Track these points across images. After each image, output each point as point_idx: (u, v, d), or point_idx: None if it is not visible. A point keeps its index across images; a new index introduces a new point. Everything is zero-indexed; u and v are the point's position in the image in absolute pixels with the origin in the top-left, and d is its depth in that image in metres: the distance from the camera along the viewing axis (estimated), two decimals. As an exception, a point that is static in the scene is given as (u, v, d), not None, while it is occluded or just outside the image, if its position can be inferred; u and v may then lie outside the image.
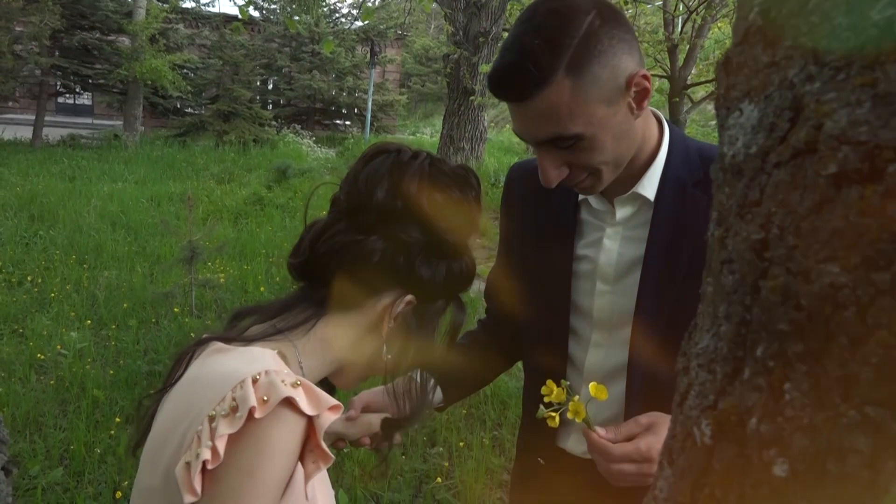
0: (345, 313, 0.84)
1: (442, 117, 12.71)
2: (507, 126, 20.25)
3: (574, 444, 1.16)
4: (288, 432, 0.68)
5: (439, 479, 2.99)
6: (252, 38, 19.55)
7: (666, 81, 6.19)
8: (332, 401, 0.71)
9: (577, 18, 0.89)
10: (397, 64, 22.74)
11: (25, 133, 14.91)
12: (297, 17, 18.35)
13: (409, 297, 0.85)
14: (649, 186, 1.06)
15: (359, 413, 1.11)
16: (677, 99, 5.91)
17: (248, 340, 0.81)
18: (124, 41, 15.88)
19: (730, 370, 0.31)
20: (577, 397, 0.93)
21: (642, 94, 0.95)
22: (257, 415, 0.66)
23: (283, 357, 0.79)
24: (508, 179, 1.31)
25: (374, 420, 1.09)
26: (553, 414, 0.93)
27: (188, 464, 0.67)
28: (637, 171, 1.06)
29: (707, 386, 0.32)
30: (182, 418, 0.72)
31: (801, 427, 0.26)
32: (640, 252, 1.06)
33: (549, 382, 0.94)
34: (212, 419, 0.67)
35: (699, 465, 0.32)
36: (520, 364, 1.34)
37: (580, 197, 1.14)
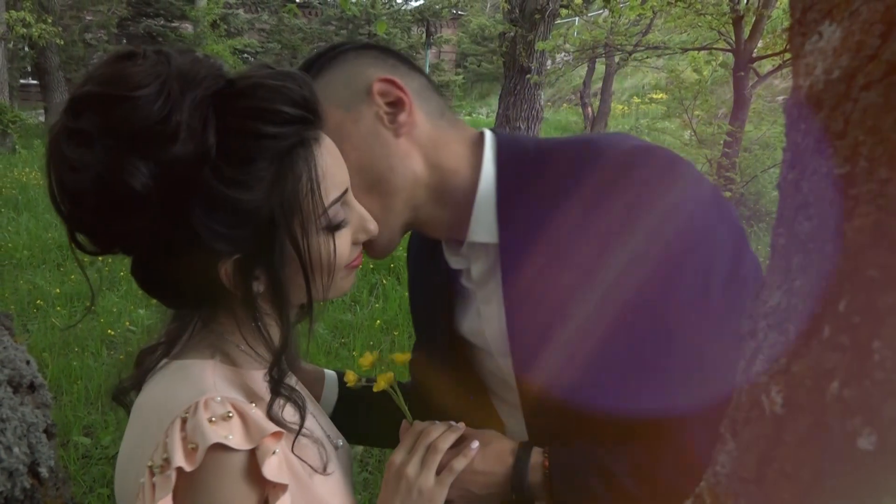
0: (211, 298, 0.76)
1: (498, 97, 12.57)
2: (565, 105, 19.89)
3: None
4: (225, 478, 0.64)
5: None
6: (309, 21, 19.76)
7: (730, 55, 5.91)
8: (272, 427, 0.66)
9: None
10: (453, 44, 22.58)
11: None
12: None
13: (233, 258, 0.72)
14: (481, 229, 0.84)
15: None
16: (742, 73, 5.62)
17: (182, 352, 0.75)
18: (187, 27, 16.33)
19: (805, 329, 0.26)
20: (390, 374, 0.88)
21: (396, 105, 0.81)
22: (187, 468, 0.62)
23: (228, 358, 0.74)
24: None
25: None
26: (350, 372, 0.89)
27: None
28: (465, 213, 0.85)
29: (778, 348, 0.28)
30: (132, 456, 0.70)
31: (893, 392, 0.22)
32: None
33: (367, 353, 0.90)
34: (151, 472, 0.64)
35: (767, 437, 0.28)
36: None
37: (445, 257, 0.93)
